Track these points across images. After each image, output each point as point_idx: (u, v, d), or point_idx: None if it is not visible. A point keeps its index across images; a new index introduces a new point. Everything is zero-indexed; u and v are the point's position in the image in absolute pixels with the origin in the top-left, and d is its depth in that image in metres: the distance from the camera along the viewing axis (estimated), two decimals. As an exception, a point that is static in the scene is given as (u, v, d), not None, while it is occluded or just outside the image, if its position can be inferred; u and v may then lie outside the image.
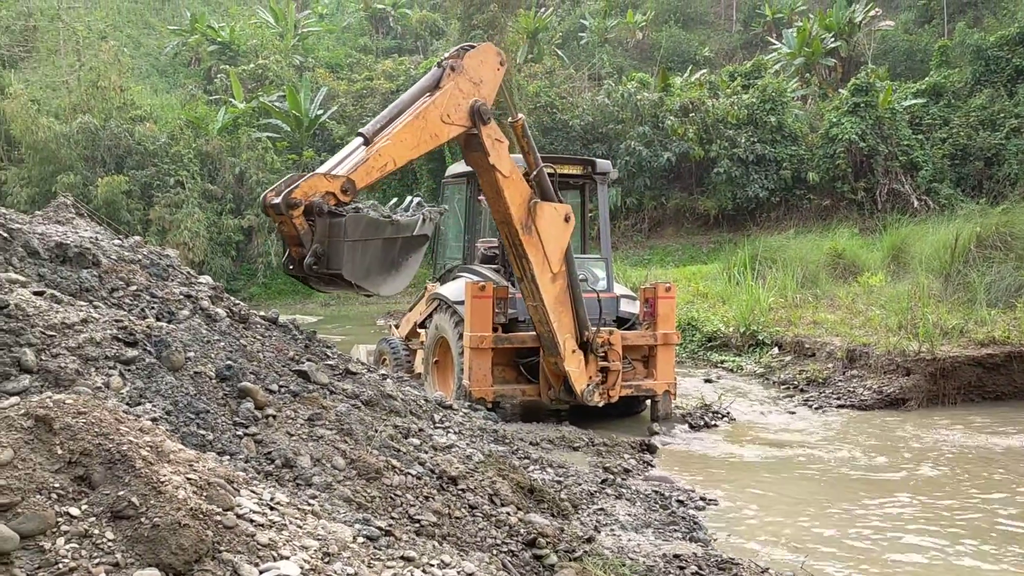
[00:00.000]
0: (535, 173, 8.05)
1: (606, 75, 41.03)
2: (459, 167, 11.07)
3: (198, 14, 52.11)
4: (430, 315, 10.46)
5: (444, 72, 6.99)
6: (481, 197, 10.89)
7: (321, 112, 35.97)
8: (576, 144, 32.98)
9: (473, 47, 7.28)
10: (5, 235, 4.89)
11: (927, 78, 33.45)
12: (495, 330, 9.28)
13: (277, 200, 5.54)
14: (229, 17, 54.52)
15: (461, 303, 9.43)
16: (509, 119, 7.82)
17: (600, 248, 10.60)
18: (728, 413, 10.65)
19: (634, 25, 50.00)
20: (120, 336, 4.43)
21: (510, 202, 7.61)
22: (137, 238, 6.13)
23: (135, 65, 44.47)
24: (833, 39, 38.35)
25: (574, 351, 8.68)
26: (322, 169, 6.21)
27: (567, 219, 8.13)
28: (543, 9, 50.24)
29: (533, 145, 8.13)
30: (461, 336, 9.41)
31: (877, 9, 41.52)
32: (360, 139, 6.58)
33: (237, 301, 6.09)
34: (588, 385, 8.88)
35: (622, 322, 10.05)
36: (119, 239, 5.72)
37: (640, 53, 49.42)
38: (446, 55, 7.19)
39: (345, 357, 6.34)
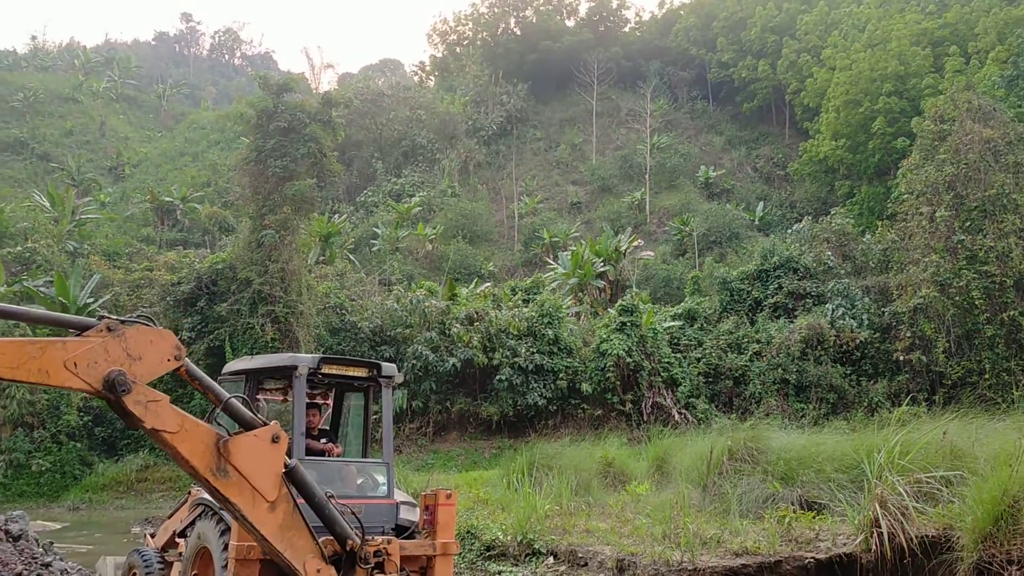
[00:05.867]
0: (221, 408, 7.57)
1: (396, 281, 42.25)
2: (236, 364, 10.73)
3: (-38, 192, 48.85)
4: (192, 522, 9.67)
5: (96, 326, 6.49)
6: (261, 396, 10.58)
7: (92, 300, 33.94)
8: (364, 346, 33.12)
9: (148, 325, 6.86)
10: None
11: (683, 303, 37.29)
12: (265, 540, 8.71)
13: None
14: (0, 199, 51.56)
15: (228, 509, 8.82)
16: (175, 368, 7.27)
17: (382, 452, 10.46)
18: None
19: (424, 237, 52.51)
20: None
21: (189, 456, 6.84)
22: None
23: None
24: (602, 264, 42.14)
25: (319, 570, 8.05)
26: None
27: (275, 439, 7.39)
28: (337, 215, 51.73)
29: (208, 381, 7.63)
30: (227, 546, 8.73)
31: (639, 240, 46.48)
32: None
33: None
34: (354, 601, 8.32)
35: (401, 530, 9.78)
36: None
37: (429, 263, 51.63)
38: (111, 316, 6.67)
39: (87, 572, 5.72)
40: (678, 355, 33.45)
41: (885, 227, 37.32)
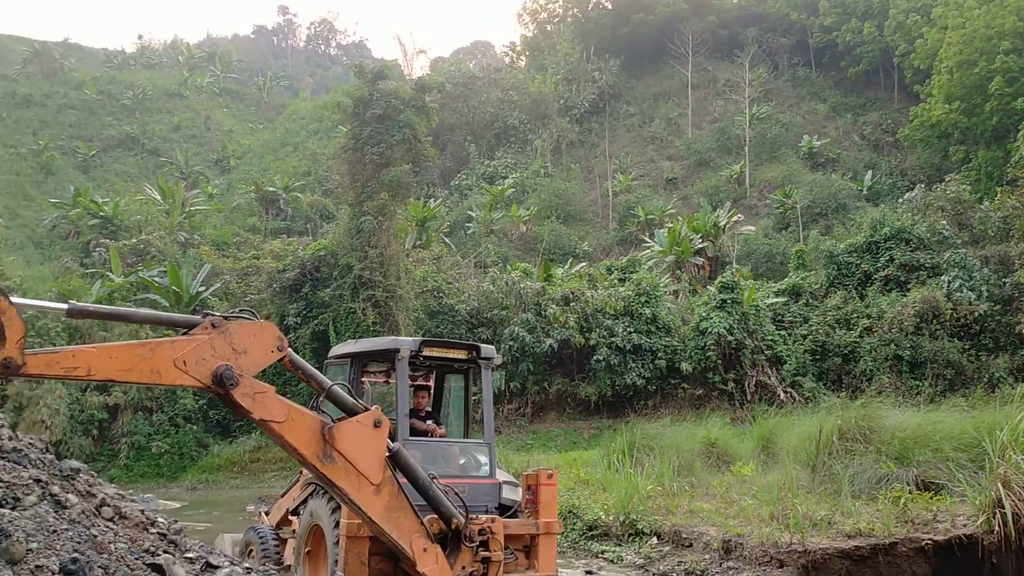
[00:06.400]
0: (324, 396, 7.75)
1: (491, 263, 42.50)
2: (342, 348, 11.00)
3: (82, 189, 51.67)
4: (304, 501, 9.98)
5: (201, 324, 6.69)
6: (365, 378, 10.81)
7: (203, 288, 35.48)
8: (461, 328, 33.48)
9: (250, 319, 7.05)
10: None
11: (787, 279, 36.15)
12: (373, 517, 8.87)
13: None
14: (115, 193, 54.28)
15: (339, 488, 9.03)
16: (279, 359, 7.43)
17: (483, 433, 10.53)
18: (609, 608, 10.38)
19: (518, 219, 52.60)
20: (-45, 525, 4.05)
21: (296, 444, 7.05)
22: None
23: (10, 236, 43.26)
24: (700, 240, 41.28)
25: (426, 548, 8.21)
26: (42, 303, 6.20)
27: (377, 424, 7.58)
28: (432, 200, 52.36)
29: (311, 370, 7.79)
30: (338, 524, 8.97)
31: (739, 215, 45.27)
32: (65, 306, 6.44)
33: (105, 487, 5.71)
34: (458, 576, 8.41)
35: (504, 509, 9.84)
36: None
37: (524, 244, 51.70)
38: (214, 312, 6.87)
39: (207, 548, 5.94)
40: (782, 332, 32.56)
41: (1005, 193, 35.12)
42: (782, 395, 30.20)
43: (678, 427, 20.57)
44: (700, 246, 41.13)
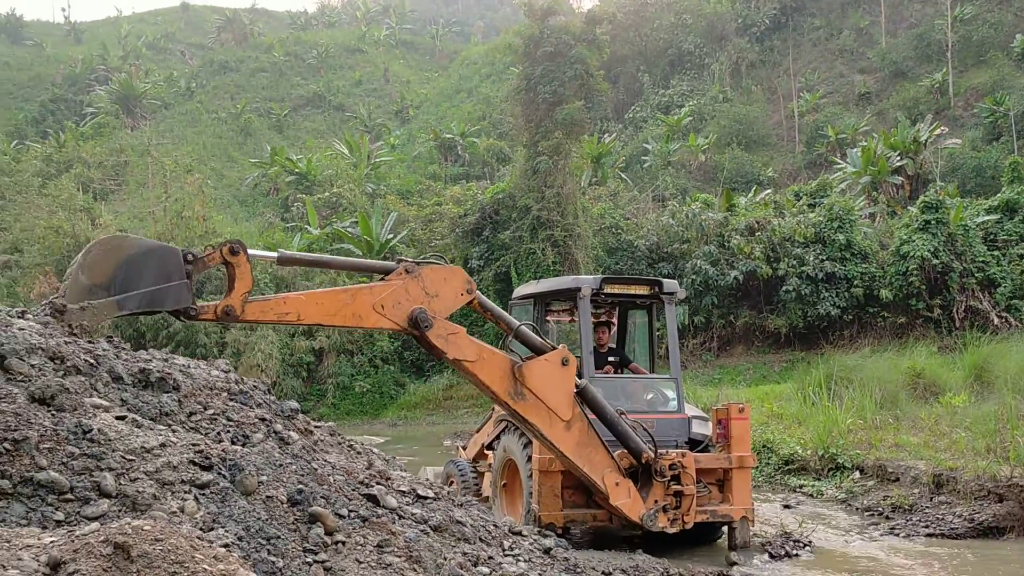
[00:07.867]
0: (512, 336, 7.84)
1: (670, 196, 41.56)
2: (525, 288, 11.18)
3: (277, 147, 55.15)
4: (498, 436, 10.35)
5: (395, 269, 7.01)
6: (549, 317, 10.97)
7: (391, 236, 37.11)
8: (642, 264, 33.14)
9: (441, 264, 7.29)
10: (91, 361, 5.08)
11: (999, 194, 32.94)
12: (564, 452, 9.07)
13: (230, 243, 6.29)
14: (307, 150, 57.52)
15: (530, 424, 9.28)
16: (468, 301, 7.45)
17: (669, 368, 10.43)
18: (810, 542, 10.13)
19: (696, 148, 50.96)
20: (196, 460, 4.50)
21: (489, 382, 7.36)
22: (221, 361, 6.33)
23: (217, 196, 46.93)
24: (899, 158, 38.35)
25: (618, 483, 8.30)
26: (256, 252, 6.58)
27: (565, 362, 7.76)
28: (606, 135, 51.67)
29: (499, 312, 7.89)
30: (530, 458, 9.25)
31: (943, 128, 41.56)
32: (275, 254, 6.89)
33: (327, 426, 6.18)
34: (649, 510, 8.49)
35: (694, 444, 9.76)
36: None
37: (703, 175, 50.16)
38: (407, 259, 7.16)
39: (415, 480, 6.29)
40: (995, 253, 29.83)
41: None
42: (996, 320, 27.82)
43: (879, 358, 19.52)
44: (899, 164, 38.23)
